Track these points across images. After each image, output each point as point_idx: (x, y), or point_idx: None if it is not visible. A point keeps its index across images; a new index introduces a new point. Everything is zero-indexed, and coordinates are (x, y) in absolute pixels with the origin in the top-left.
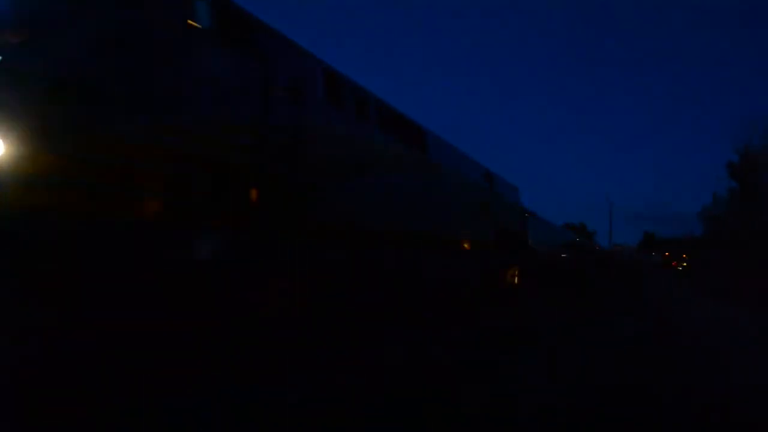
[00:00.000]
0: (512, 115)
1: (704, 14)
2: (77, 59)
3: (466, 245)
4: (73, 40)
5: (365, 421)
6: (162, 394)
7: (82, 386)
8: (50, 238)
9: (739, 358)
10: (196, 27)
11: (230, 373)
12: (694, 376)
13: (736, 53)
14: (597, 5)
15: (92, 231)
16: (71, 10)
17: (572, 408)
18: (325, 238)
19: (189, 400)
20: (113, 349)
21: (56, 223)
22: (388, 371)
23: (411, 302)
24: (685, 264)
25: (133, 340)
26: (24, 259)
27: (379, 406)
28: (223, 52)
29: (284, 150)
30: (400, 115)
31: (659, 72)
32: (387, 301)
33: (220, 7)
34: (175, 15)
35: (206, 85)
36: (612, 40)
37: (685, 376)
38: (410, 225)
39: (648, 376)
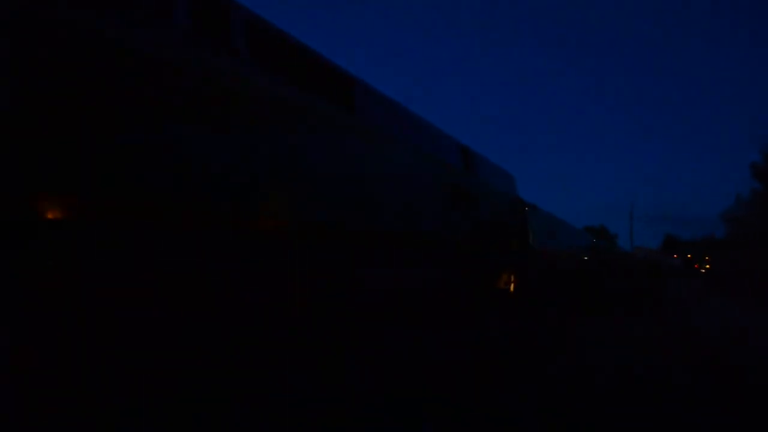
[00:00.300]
0: (530, 118)
1: (725, 16)
2: None
3: (426, 243)
4: None
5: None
6: (160, 394)
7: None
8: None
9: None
10: None
11: (229, 372)
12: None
13: (760, 53)
14: (619, 6)
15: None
16: None
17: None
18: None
19: (188, 400)
20: (109, 348)
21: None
22: None
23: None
24: (708, 266)
25: (129, 340)
26: None
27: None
28: None
29: None
30: (305, 50)
31: (680, 72)
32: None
33: None
34: None
35: None
36: (632, 41)
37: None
38: (317, 212)
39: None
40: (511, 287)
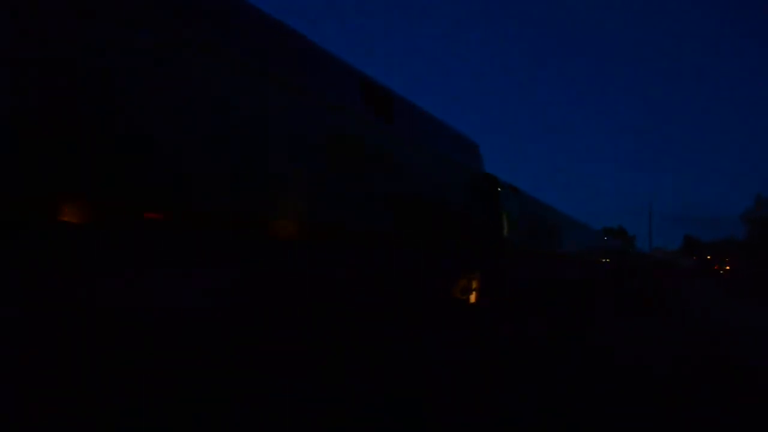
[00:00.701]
0: (548, 118)
1: (747, 19)
2: None
3: (310, 229)
4: None
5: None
6: (160, 395)
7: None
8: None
9: None
10: None
11: (230, 373)
12: None
13: None
14: (641, 10)
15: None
16: None
17: None
18: None
19: (189, 400)
20: (109, 348)
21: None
22: None
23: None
24: (727, 267)
25: (129, 340)
26: None
27: None
28: None
29: None
30: None
31: (701, 73)
32: None
33: None
34: None
35: None
36: (652, 43)
37: None
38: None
39: None
40: (472, 297)
